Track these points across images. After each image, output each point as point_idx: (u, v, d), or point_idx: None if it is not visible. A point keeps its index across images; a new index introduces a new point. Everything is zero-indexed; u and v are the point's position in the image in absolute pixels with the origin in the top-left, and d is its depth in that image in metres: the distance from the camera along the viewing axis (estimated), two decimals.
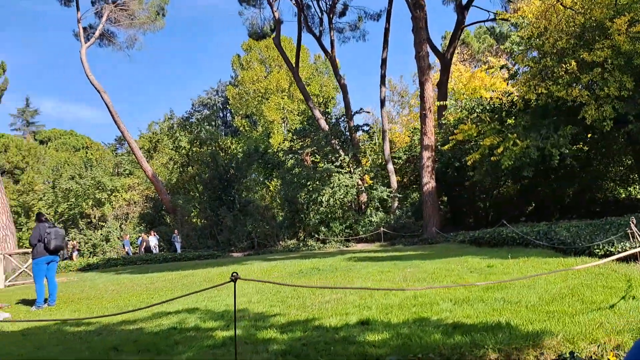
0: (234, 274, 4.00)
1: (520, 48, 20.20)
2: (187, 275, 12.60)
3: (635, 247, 6.72)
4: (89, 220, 30.18)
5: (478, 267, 8.72)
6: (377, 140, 36.01)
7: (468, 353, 4.00)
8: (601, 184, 23.03)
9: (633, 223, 7.13)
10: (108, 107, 28.91)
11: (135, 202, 31.67)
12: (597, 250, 8.13)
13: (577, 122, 17.58)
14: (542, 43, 18.31)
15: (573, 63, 17.07)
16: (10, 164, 47.16)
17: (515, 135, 18.54)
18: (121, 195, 30.96)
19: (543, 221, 19.31)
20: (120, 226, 29.86)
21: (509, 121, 20.58)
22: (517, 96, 20.36)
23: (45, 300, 9.33)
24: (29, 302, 9.72)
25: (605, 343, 3.95)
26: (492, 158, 18.93)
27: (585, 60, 16.71)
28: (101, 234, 28.63)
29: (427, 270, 8.80)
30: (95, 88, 28.87)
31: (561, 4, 17.19)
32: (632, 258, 7.34)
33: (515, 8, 20.23)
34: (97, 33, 31.11)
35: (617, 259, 7.58)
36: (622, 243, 7.81)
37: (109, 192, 30.74)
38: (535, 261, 8.60)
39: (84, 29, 30.92)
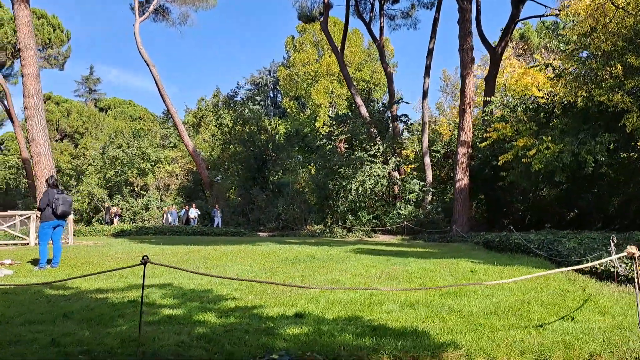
0: (145, 257, 4.17)
1: (566, 47, 19.33)
2: (195, 250, 13.02)
3: (592, 262, 6.46)
4: (132, 188, 31.47)
5: (462, 271, 8.58)
6: (417, 132, 35.43)
7: (365, 357, 4.03)
8: None
9: (613, 241, 6.79)
10: (155, 81, 29.96)
11: (176, 175, 32.76)
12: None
13: (617, 129, 16.74)
14: (588, 44, 17.45)
15: (619, 67, 16.19)
16: (71, 128, 49.58)
17: (549, 138, 17.86)
18: (164, 167, 32.10)
19: (585, 229, 18.57)
20: (160, 197, 30.98)
21: (553, 122, 19.81)
22: (559, 97, 19.53)
23: (49, 262, 9.93)
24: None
25: None
26: (523, 160, 18.34)
27: (632, 65, 15.83)
28: (142, 203, 29.78)
29: (410, 270, 8.74)
30: (145, 61, 29.92)
31: (612, 3, 16.29)
32: (610, 277, 7.03)
33: (564, 5, 19.29)
34: (151, 8, 32.17)
35: (599, 278, 7.32)
36: (607, 260, 7.48)
37: (153, 163, 31.93)
38: (519, 270, 8.38)
39: (140, 3, 32.05)
